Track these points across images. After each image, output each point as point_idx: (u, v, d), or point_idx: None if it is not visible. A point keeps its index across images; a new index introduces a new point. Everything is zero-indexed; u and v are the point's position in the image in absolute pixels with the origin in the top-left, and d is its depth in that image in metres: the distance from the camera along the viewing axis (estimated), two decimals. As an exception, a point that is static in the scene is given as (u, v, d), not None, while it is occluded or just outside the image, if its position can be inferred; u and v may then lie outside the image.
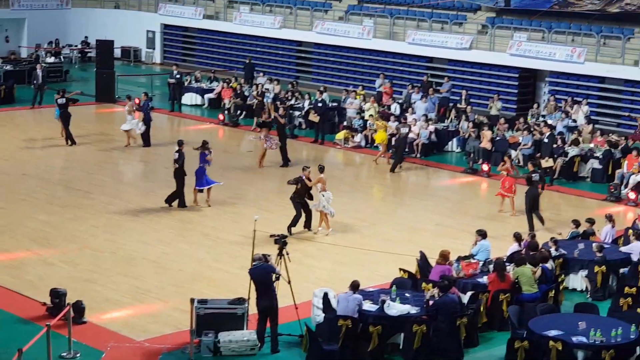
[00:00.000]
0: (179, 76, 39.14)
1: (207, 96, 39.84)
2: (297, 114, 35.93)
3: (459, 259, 19.56)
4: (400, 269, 19.43)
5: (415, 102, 35.68)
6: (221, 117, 36.91)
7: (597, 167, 29.79)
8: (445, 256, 19.02)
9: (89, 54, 50.76)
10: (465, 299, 17.96)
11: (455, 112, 34.78)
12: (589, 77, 36.51)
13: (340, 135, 33.93)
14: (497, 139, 31.69)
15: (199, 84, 40.78)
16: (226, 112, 37.32)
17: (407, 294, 17.91)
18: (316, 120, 34.12)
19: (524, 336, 16.43)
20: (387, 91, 37.66)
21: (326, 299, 17.32)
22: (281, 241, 17.62)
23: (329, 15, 45.16)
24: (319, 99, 34.67)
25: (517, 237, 20.55)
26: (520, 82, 38.88)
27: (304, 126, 35.82)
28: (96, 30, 49.06)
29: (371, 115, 33.95)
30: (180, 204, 25.31)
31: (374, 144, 32.80)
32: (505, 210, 26.07)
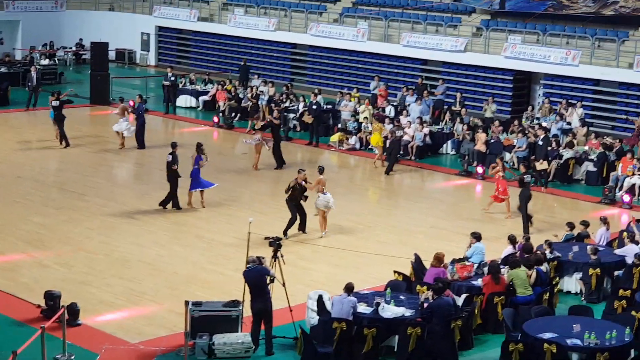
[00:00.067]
0: (173, 78, 39.10)
1: (201, 98, 39.81)
2: (291, 116, 35.92)
3: (454, 262, 19.56)
4: (394, 272, 19.45)
5: (409, 104, 35.65)
6: (216, 119, 36.91)
7: (592, 170, 29.83)
8: (439, 259, 19.00)
9: (84, 56, 50.64)
10: (459, 301, 17.98)
11: (449, 114, 34.81)
12: (584, 80, 36.52)
13: (334, 137, 33.92)
14: (492, 141, 31.71)
15: (193, 86, 40.75)
16: (221, 114, 37.29)
17: (401, 297, 17.92)
18: (310, 121, 34.11)
19: (518, 339, 16.44)
20: (381, 93, 37.65)
21: (321, 301, 17.31)
22: (276, 243, 17.62)
23: (324, 17, 45.14)
24: (314, 102, 34.64)
25: (512, 240, 20.56)
26: (514, 84, 38.90)
27: (298, 128, 35.82)
28: (91, 32, 48.94)
29: (366, 117, 33.98)
30: (174, 205, 25.32)
31: (369, 147, 32.84)
32: (490, 210, 26.14)
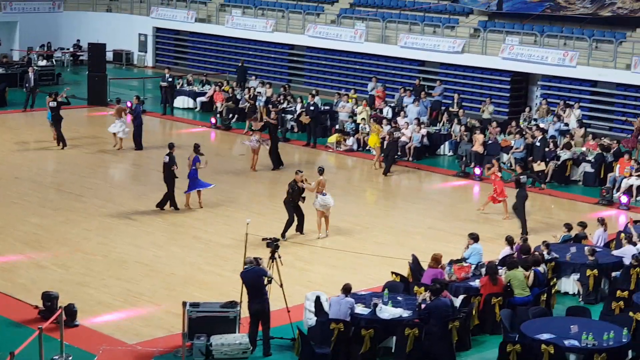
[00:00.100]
0: (171, 79, 39.12)
1: (199, 99, 39.81)
2: (289, 117, 35.91)
3: (451, 263, 19.56)
4: (392, 273, 19.46)
5: (407, 105, 35.70)
6: (213, 120, 36.91)
7: (589, 171, 29.84)
8: (437, 259, 19.01)
9: (81, 57, 50.70)
10: (457, 302, 17.98)
11: (447, 115, 34.82)
12: (581, 81, 36.54)
13: (332, 138, 33.92)
14: (489, 142, 31.73)
15: (191, 87, 40.74)
16: (218, 115, 37.31)
17: (399, 298, 17.93)
18: (307, 122, 34.11)
19: (516, 340, 16.44)
20: (379, 95, 37.68)
21: (318, 302, 17.31)
22: (273, 244, 17.61)
23: (321, 18, 45.14)
24: (311, 103, 34.64)
25: (509, 241, 20.56)
26: (512, 85, 38.92)
27: (296, 129, 35.82)
28: (88, 33, 49.00)
29: (363, 118, 33.98)
30: (171, 205, 25.31)
31: (366, 148, 32.85)
32: (485, 210, 26.16)
